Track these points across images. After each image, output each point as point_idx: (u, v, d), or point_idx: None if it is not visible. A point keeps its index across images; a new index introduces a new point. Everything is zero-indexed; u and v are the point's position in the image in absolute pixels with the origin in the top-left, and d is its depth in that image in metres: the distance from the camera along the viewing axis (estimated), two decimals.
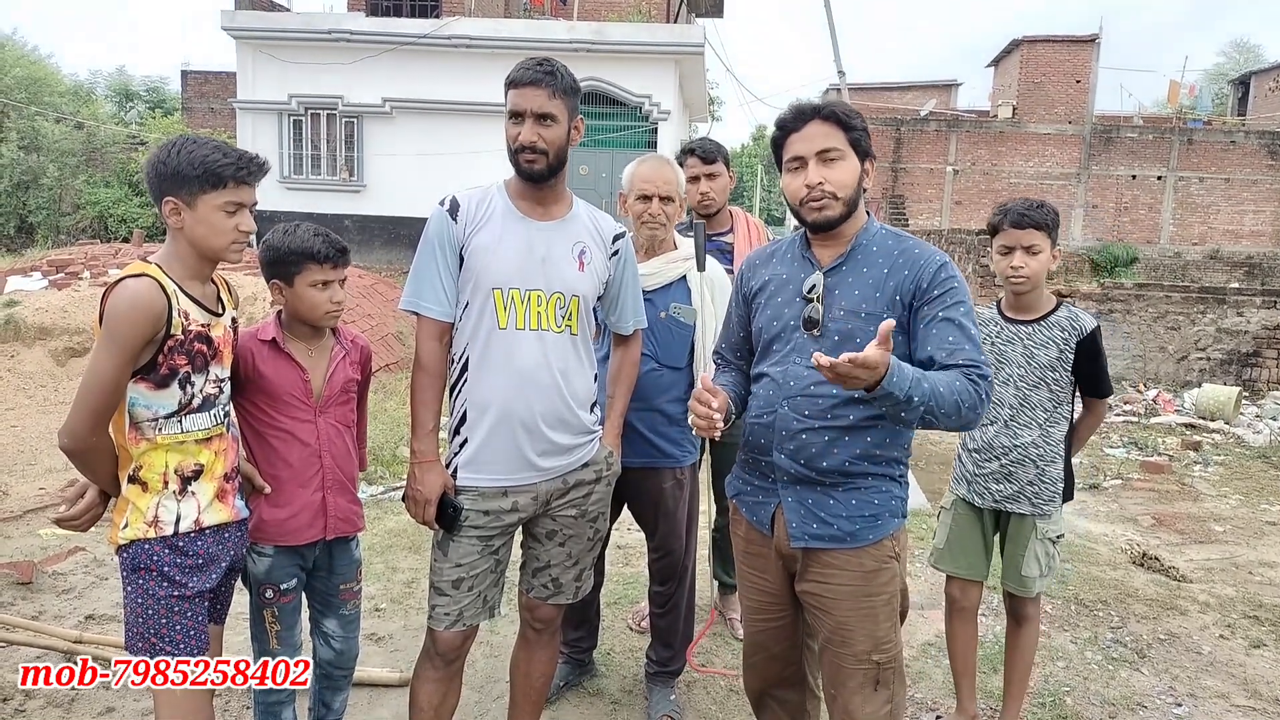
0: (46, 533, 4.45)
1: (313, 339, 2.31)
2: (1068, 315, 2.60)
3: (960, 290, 1.91)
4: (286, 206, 16.41)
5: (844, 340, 1.92)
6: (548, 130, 2.12)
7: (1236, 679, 3.36)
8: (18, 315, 8.34)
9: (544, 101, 2.11)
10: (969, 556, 2.76)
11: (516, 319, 2.14)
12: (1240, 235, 25.46)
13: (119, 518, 1.93)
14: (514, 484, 2.18)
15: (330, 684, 2.49)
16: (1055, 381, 2.59)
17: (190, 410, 1.93)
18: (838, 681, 2.01)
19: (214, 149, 1.88)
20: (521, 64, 2.14)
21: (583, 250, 2.23)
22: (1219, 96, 35.04)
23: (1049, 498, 2.64)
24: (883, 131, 25.48)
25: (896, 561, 1.99)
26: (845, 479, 1.94)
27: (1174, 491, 6.20)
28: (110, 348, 1.79)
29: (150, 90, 34.51)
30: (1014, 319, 2.66)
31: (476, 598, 2.21)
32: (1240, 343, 9.93)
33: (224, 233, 1.90)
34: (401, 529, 4.59)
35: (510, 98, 2.13)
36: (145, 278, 1.83)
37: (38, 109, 23.46)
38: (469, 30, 16.23)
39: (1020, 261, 2.56)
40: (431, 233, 2.15)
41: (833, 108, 1.96)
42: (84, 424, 1.81)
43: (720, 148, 3.28)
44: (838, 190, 1.93)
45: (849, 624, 1.96)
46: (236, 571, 2.13)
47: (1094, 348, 2.58)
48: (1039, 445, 2.61)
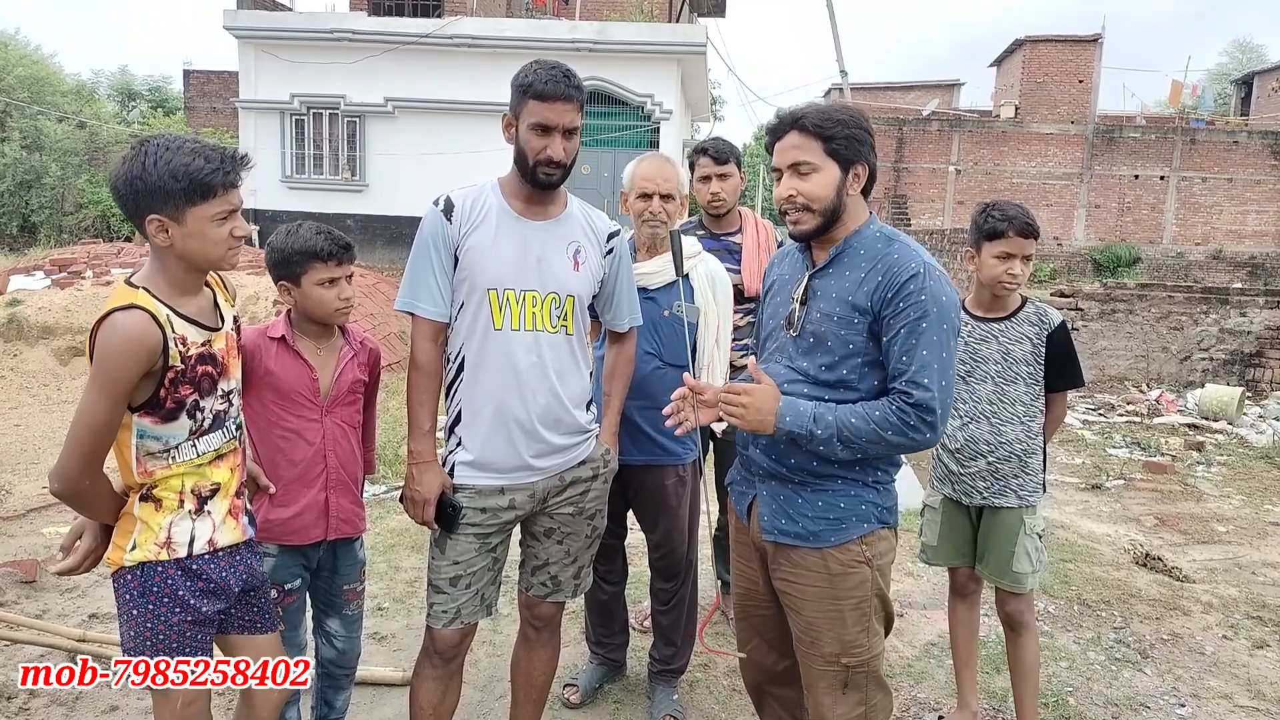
0: (50, 531, 4.45)
1: (322, 338, 2.31)
2: (1035, 311, 2.66)
3: (928, 303, 1.83)
4: (288, 206, 16.43)
5: (816, 342, 1.94)
6: (571, 143, 2.12)
7: (1240, 679, 3.36)
8: (21, 314, 8.35)
9: (574, 117, 2.10)
10: (963, 548, 2.78)
11: (512, 320, 2.14)
12: (1243, 235, 25.44)
13: (123, 539, 1.80)
14: (511, 483, 2.19)
15: (332, 683, 2.50)
16: (1030, 376, 2.64)
17: (203, 433, 1.83)
18: (809, 682, 2.03)
19: (192, 154, 1.71)
20: (541, 73, 2.08)
21: (578, 249, 2.23)
22: (1222, 96, 34.99)
23: (1033, 489, 2.66)
24: (885, 131, 25.47)
25: (868, 567, 1.95)
26: (813, 479, 1.95)
27: (1177, 492, 6.19)
28: (101, 387, 1.66)
29: (153, 90, 34.59)
30: (985, 317, 2.70)
31: (474, 595, 2.21)
32: (1243, 343, 9.91)
33: (219, 243, 1.76)
34: (405, 528, 4.59)
35: (536, 109, 2.07)
36: (135, 310, 1.69)
37: (40, 108, 23.50)
38: (471, 30, 16.23)
39: (1019, 269, 2.59)
40: (426, 233, 2.14)
41: (807, 118, 1.91)
42: (75, 466, 1.69)
43: (733, 148, 3.28)
44: (810, 203, 1.92)
45: (816, 625, 1.97)
46: (260, 590, 2.02)
47: (1064, 339, 2.65)
48: (1021, 439, 2.64)
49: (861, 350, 1.90)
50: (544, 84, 2.06)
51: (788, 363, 1.99)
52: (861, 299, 1.89)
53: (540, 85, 2.06)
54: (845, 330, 1.90)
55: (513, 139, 2.16)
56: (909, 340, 1.84)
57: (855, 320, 1.89)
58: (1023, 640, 2.74)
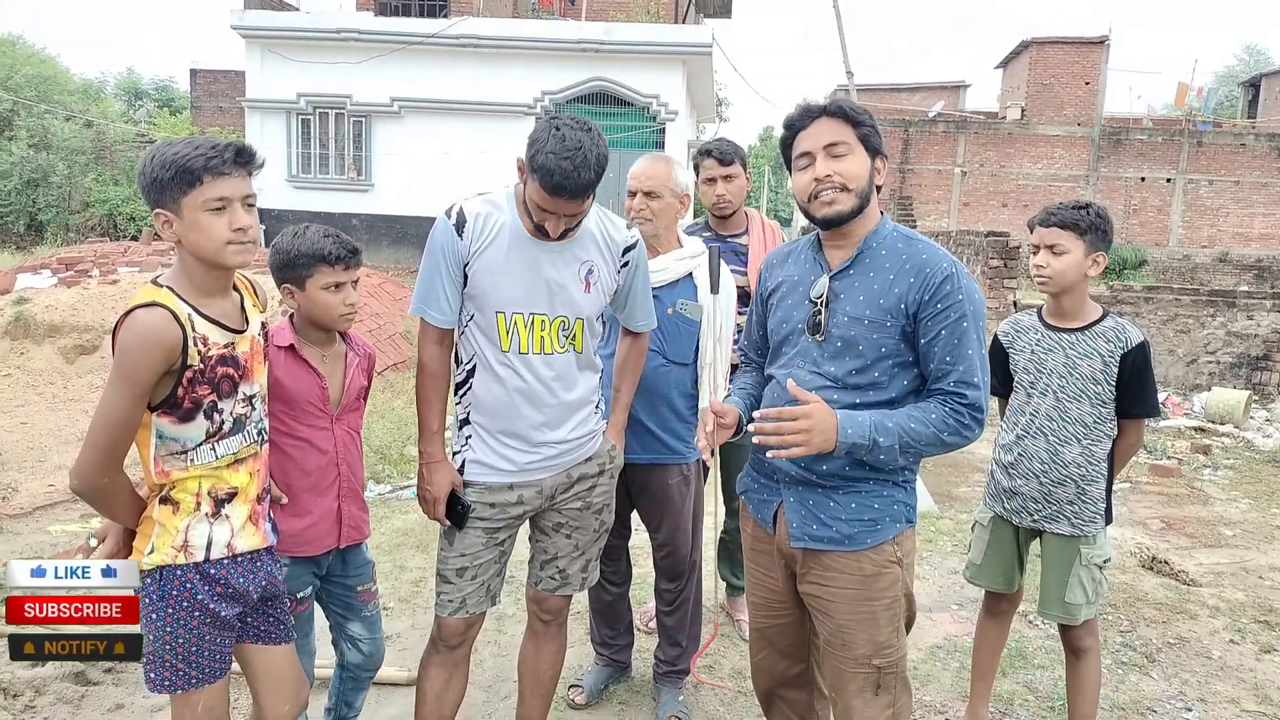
0: (56, 529, 4.47)
1: (326, 344, 2.28)
2: (1113, 326, 2.47)
3: (965, 303, 1.86)
4: (294, 205, 16.45)
5: (846, 346, 1.91)
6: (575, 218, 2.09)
7: (1247, 684, 3.35)
8: (27, 313, 8.37)
9: (579, 207, 2.05)
10: (1009, 573, 2.67)
11: (520, 343, 2.15)
12: (1250, 238, 25.34)
13: (142, 542, 1.80)
14: (519, 480, 2.23)
15: (356, 684, 2.51)
16: (1097, 396, 2.46)
17: (221, 436, 1.82)
18: (838, 685, 2.01)
19: (185, 144, 1.70)
20: (554, 161, 1.92)
21: (590, 270, 2.21)
22: (1229, 99, 34.89)
23: (1090, 518, 2.49)
24: (891, 132, 25.42)
25: (899, 566, 1.96)
26: (845, 482, 1.93)
27: (1183, 495, 6.17)
28: (121, 384, 1.67)
29: (159, 89, 34.70)
30: (1055, 326, 2.54)
31: (479, 586, 2.26)
32: (1250, 346, 9.88)
33: (214, 235, 1.72)
34: (409, 528, 4.60)
35: (541, 196, 1.99)
36: (156, 307, 1.70)
37: (47, 107, 23.56)
38: (477, 30, 16.23)
39: (1043, 260, 2.47)
40: (437, 245, 2.12)
41: (840, 104, 1.94)
42: (94, 464, 1.69)
43: (738, 149, 3.27)
44: (848, 181, 1.89)
45: (849, 627, 1.95)
46: (278, 600, 2.01)
47: (1140, 363, 2.43)
48: (1080, 463, 2.47)
49: (894, 352, 1.89)
50: (555, 179, 1.94)
51: (812, 368, 1.95)
52: (894, 301, 1.88)
53: (550, 181, 1.94)
54: (878, 334, 1.89)
55: (523, 184, 2.09)
56: (951, 340, 1.85)
57: (888, 323, 1.88)
58: (1081, 664, 2.62)
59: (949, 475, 6.49)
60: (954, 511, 5.48)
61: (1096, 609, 2.57)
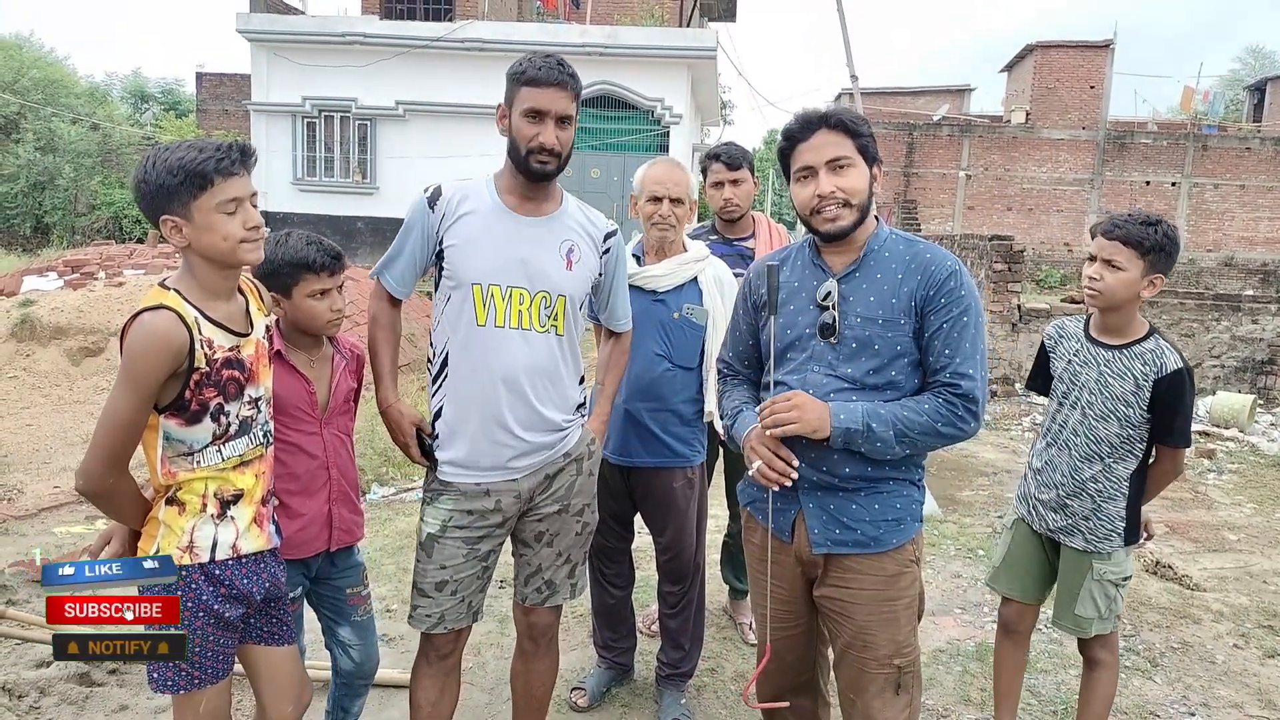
0: (61, 530, 4.48)
1: (313, 349, 2.27)
2: (1153, 349, 2.37)
3: (966, 298, 1.91)
4: (299, 208, 16.53)
5: (861, 347, 1.93)
6: (565, 133, 2.13)
7: (1250, 689, 3.34)
8: (33, 315, 8.40)
9: (567, 104, 2.10)
10: (1026, 579, 2.63)
11: (496, 316, 2.12)
12: (1255, 242, 25.26)
13: (148, 543, 1.81)
14: (494, 482, 2.18)
15: (350, 691, 2.50)
16: (1127, 418, 2.38)
17: (228, 438, 1.83)
18: (859, 686, 2.00)
19: (188, 149, 1.73)
20: (535, 61, 2.10)
21: (571, 248, 2.20)
22: (1234, 102, 34.83)
23: (1105, 535, 2.44)
24: (895, 136, 25.40)
25: (916, 565, 2.01)
26: (868, 484, 1.95)
27: (1187, 499, 6.16)
28: (127, 386, 1.69)
29: (165, 92, 34.80)
30: (1096, 340, 2.48)
31: (459, 602, 2.20)
32: (1255, 350, 9.86)
33: (230, 235, 1.75)
34: (414, 530, 4.60)
35: (528, 95, 2.08)
36: (163, 310, 1.72)
37: (54, 110, 23.66)
38: (482, 33, 16.28)
39: (1097, 273, 2.37)
40: (409, 219, 2.19)
41: (839, 115, 1.96)
42: (100, 465, 1.71)
43: (745, 153, 3.27)
44: (850, 197, 1.92)
45: (871, 629, 1.96)
46: (281, 601, 2.01)
47: (1175, 390, 2.32)
48: (1099, 480, 2.42)
49: (909, 350, 1.93)
50: (536, 70, 2.08)
51: (828, 371, 1.95)
52: (904, 300, 1.92)
53: (533, 71, 2.08)
54: (892, 333, 1.92)
55: (506, 130, 2.15)
56: (951, 334, 1.89)
57: (902, 322, 1.92)
58: (1094, 675, 2.59)
59: (952, 479, 6.48)
60: (957, 515, 5.48)
61: (1112, 624, 2.53)
